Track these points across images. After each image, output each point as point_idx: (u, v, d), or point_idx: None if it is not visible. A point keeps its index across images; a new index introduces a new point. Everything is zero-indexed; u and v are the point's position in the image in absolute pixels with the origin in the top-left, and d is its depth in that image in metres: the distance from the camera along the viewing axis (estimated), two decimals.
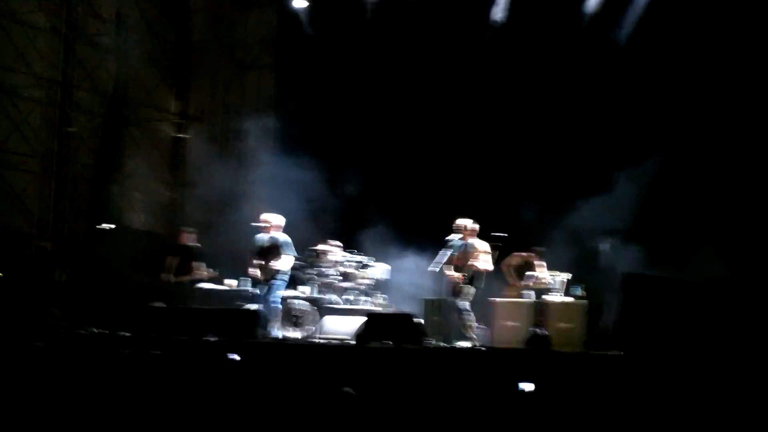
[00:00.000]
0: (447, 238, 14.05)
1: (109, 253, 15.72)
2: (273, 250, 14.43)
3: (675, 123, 15.60)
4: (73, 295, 17.53)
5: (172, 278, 15.66)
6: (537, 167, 16.50)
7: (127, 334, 13.51)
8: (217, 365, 10.91)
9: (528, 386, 9.29)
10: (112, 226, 15.42)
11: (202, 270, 15.82)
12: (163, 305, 15.18)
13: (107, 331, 13.89)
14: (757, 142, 14.99)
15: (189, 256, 15.88)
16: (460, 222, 13.96)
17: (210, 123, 21.06)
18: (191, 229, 16.34)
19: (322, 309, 15.05)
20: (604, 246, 14.79)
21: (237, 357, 9.37)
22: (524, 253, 14.79)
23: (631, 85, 15.97)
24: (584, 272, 14.79)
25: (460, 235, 14.08)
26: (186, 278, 15.73)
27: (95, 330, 13.97)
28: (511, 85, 16.86)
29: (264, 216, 14.63)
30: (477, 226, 14.00)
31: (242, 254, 15.80)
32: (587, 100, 16.27)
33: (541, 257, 14.72)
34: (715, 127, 15.24)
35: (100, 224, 16.10)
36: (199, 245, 16.12)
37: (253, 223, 14.74)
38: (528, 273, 14.55)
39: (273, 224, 14.49)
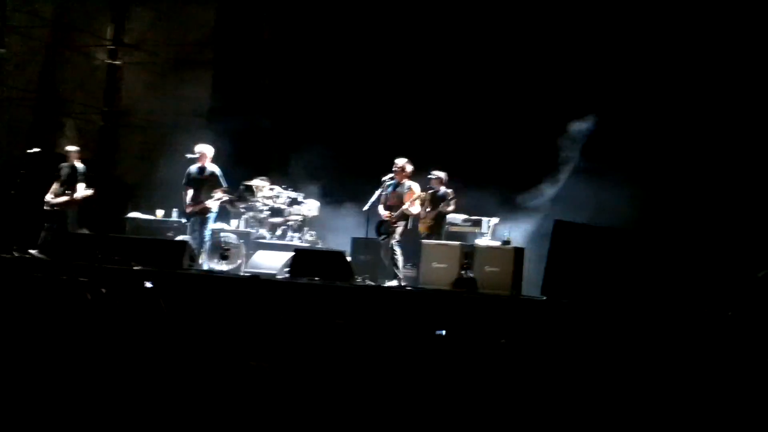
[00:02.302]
0: (383, 178, 13.98)
1: (38, 178, 15.35)
2: (205, 181, 14.36)
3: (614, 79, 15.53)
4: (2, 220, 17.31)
5: (51, 200, 15.02)
6: (479, 111, 16.36)
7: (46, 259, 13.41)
8: (141, 296, 10.82)
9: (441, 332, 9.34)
10: (40, 150, 15.06)
11: (79, 191, 15.08)
12: (88, 232, 14.98)
13: (29, 256, 13.77)
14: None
15: (71, 176, 15.16)
16: (397, 162, 13.92)
17: (149, 53, 20.70)
18: (74, 149, 15.53)
19: (251, 243, 14.99)
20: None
21: (150, 284, 9.28)
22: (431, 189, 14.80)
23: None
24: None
25: (393, 175, 14.02)
26: (62, 200, 15.03)
27: (17, 254, 13.81)
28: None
29: (197, 147, 14.50)
30: (411, 167, 13.96)
31: (175, 185, 15.65)
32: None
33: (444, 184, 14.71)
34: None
35: (30, 149, 15.72)
36: (81, 165, 15.31)
37: (187, 154, 14.59)
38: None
39: (204, 155, 14.37)
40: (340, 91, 17.45)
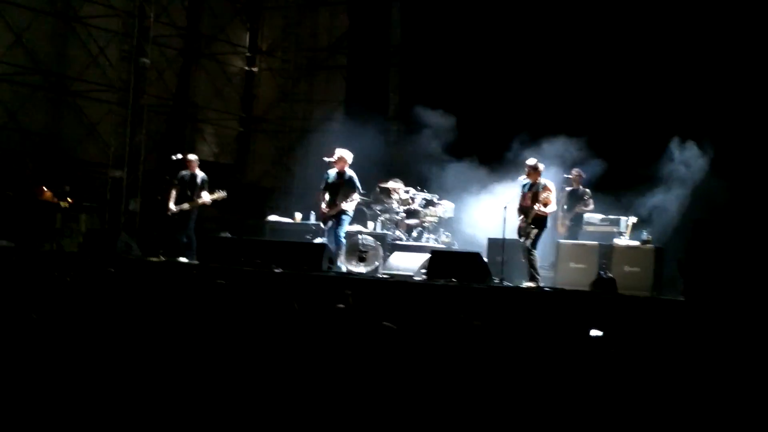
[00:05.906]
0: (519, 178, 13.88)
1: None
2: (341, 185, 14.41)
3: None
4: (146, 224, 17.88)
5: (173, 208, 15.01)
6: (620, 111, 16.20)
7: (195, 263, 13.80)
8: (282, 296, 11.03)
9: (596, 332, 9.21)
10: (181, 156, 15.39)
11: (203, 197, 15.06)
12: (230, 236, 15.28)
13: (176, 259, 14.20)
14: None
15: (191, 184, 15.17)
16: (529, 162, 13.76)
17: (282, 58, 21.10)
18: (194, 158, 15.46)
19: (387, 245, 15.09)
20: None
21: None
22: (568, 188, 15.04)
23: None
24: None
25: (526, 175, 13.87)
26: (186, 206, 14.99)
27: (164, 258, 14.27)
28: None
29: (337, 151, 14.54)
30: (542, 166, 13.79)
31: (311, 188, 15.86)
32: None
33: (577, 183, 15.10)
34: None
35: (172, 155, 16.07)
36: (202, 174, 15.25)
37: (325, 158, 14.69)
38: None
39: (343, 159, 14.44)
40: (473, 94, 17.44)
